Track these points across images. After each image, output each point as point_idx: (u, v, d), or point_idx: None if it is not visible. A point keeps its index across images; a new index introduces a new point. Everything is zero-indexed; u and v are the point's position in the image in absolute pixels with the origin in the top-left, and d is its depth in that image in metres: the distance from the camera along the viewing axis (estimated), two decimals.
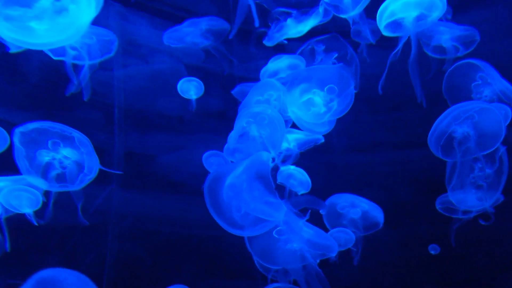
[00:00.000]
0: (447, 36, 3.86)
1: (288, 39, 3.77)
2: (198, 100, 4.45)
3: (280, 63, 3.75)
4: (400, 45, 3.41)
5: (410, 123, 4.93)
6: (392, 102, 4.80)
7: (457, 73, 3.67)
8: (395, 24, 3.35)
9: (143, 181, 4.85)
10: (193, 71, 4.65)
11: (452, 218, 4.06)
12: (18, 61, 4.12)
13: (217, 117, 4.83)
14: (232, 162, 3.28)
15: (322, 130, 3.57)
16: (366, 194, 4.28)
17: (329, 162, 5.03)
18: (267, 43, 3.70)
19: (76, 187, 3.07)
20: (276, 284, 3.53)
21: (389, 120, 5.05)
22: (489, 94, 3.59)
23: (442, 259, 4.89)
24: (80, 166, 2.96)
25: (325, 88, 3.28)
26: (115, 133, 4.59)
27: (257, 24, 3.63)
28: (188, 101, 4.44)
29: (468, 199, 3.77)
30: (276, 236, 3.08)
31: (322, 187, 4.29)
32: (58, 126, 2.85)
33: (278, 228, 3.06)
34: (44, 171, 2.93)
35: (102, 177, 4.52)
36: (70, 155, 2.88)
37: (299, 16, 3.58)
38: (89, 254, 4.56)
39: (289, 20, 3.63)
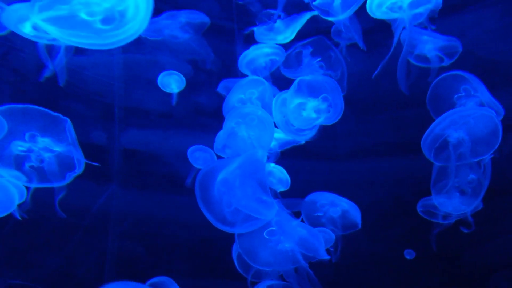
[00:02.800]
0: (430, 46, 3.73)
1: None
2: (201, 99, 4.32)
3: (259, 51, 3.56)
4: (395, 42, 3.29)
5: (396, 125, 4.82)
6: (376, 103, 4.71)
7: (441, 84, 3.52)
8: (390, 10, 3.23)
9: (144, 181, 4.69)
10: (197, 70, 4.51)
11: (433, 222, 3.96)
12: (18, 61, 4.03)
13: (221, 117, 4.69)
14: (219, 158, 3.16)
15: (305, 136, 3.46)
16: (364, 195, 4.19)
17: (327, 166, 4.90)
18: (257, 37, 3.57)
19: (60, 183, 2.77)
20: (270, 282, 3.41)
21: (371, 121, 4.93)
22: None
23: (435, 260, 4.77)
24: (66, 159, 2.70)
25: (320, 97, 3.19)
26: (115, 133, 4.47)
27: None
28: (194, 100, 4.30)
29: (452, 203, 3.66)
30: (267, 237, 2.96)
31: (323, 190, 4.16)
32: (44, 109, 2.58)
33: (270, 229, 2.95)
34: (19, 163, 2.61)
35: (102, 177, 4.44)
36: (54, 147, 2.62)
37: (287, 20, 3.46)
38: (89, 254, 4.44)
39: (278, 22, 3.50)
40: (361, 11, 3.15)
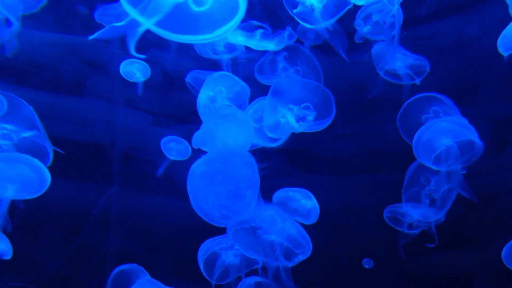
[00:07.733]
0: (400, 63, 3.64)
1: None
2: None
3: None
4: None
5: (376, 130, 4.64)
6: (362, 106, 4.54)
7: (412, 104, 3.42)
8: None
9: (143, 183, 4.48)
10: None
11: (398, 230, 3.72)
12: (18, 62, 3.91)
13: None
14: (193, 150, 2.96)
15: (278, 143, 3.17)
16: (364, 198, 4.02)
17: (327, 168, 4.71)
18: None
19: None
20: (256, 278, 3.24)
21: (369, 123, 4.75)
22: None
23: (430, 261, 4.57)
24: (31, 148, 2.40)
25: (302, 105, 2.88)
26: (116, 134, 4.31)
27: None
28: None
29: (421, 211, 3.50)
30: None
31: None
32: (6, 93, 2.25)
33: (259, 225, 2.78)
34: None
35: (102, 179, 4.28)
36: (14, 134, 2.33)
37: (268, 35, 3.28)
38: (89, 256, 4.26)
39: (258, 33, 3.31)
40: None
